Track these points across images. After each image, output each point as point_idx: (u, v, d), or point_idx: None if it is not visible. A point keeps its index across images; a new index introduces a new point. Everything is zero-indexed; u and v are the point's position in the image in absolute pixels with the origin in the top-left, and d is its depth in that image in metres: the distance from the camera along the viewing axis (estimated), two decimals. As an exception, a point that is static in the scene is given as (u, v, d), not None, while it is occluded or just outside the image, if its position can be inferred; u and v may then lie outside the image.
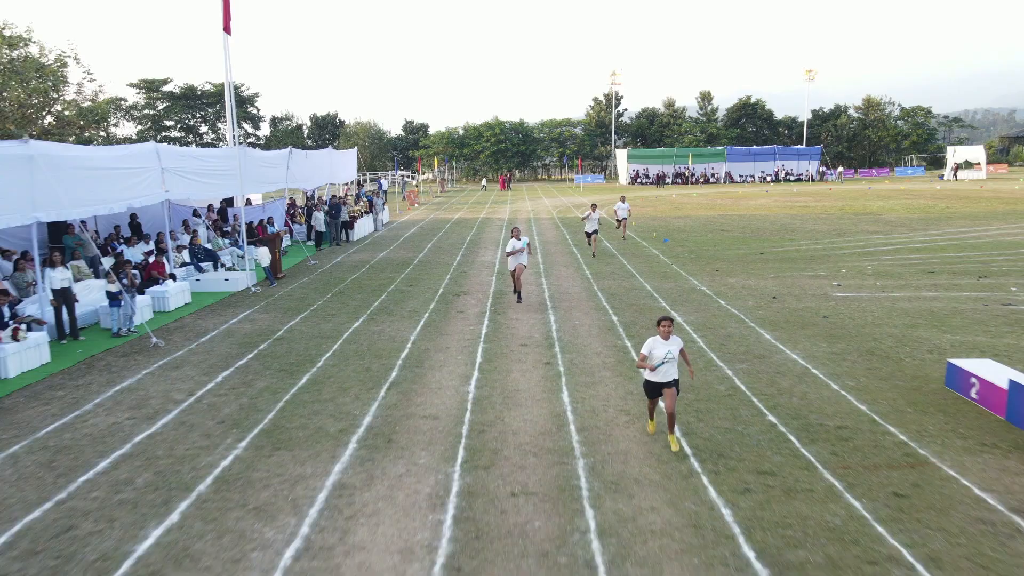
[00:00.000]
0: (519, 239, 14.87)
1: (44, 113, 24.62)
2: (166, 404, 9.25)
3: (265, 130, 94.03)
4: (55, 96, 25.00)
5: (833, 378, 9.88)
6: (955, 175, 65.15)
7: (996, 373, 8.65)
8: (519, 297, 15.08)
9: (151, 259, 16.27)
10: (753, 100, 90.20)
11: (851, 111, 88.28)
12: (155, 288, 14.81)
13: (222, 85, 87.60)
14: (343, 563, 5.59)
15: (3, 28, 23.71)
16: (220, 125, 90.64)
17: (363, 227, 28.46)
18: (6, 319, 11.47)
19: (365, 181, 47.31)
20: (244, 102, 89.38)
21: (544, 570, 5.45)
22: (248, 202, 26.62)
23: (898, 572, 5.38)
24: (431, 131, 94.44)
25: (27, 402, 9.45)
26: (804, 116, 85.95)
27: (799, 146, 78.61)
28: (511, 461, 7.40)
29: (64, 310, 12.54)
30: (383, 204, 34.04)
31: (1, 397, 9.63)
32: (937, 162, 78.44)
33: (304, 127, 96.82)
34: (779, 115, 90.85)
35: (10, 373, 10.42)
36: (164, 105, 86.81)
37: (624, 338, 12.18)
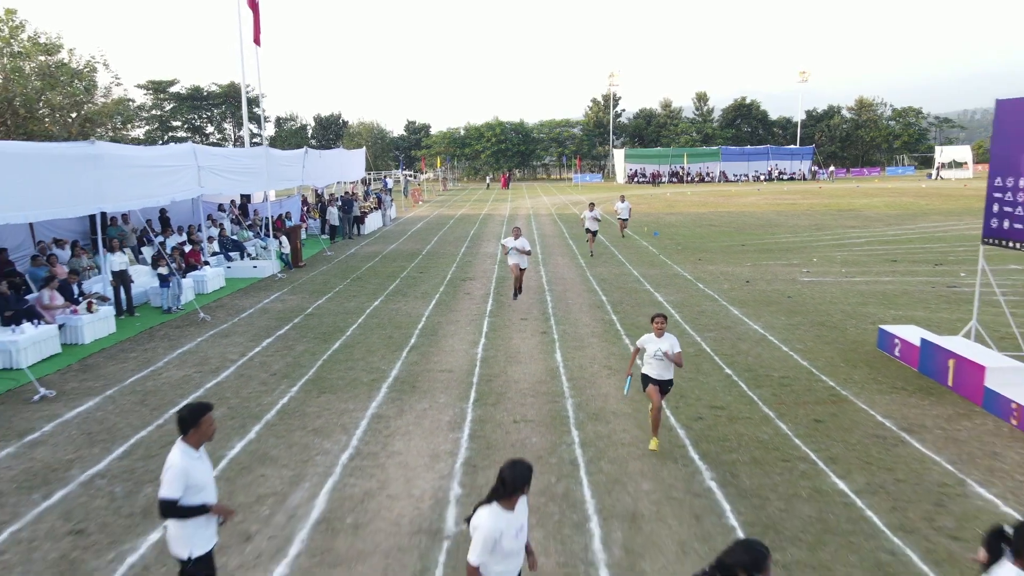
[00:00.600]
0: (518, 239, 14.69)
1: (75, 116, 26.40)
2: (224, 362, 11.04)
3: (270, 130, 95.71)
4: (84, 99, 26.76)
5: (785, 343, 11.68)
6: (938, 174, 66.92)
7: (914, 335, 10.45)
8: (515, 294, 14.94)
9: (186, 248, 18.06)
10: (748, 101, 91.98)
11: (844, 111, 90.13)
12: (195, 273, 16.59)
13: (228, 86, 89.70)
14: (387, 463, 7.38)
15: (37, 36, 25.49)
16: (226, 125, 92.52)
17: (373, 222, 30.28)
18: (76, 296, 13.30)
19: (372, 180, 49.06)
20: (249, 103, 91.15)
21: (540, 466, 7.23)
22: (265, 198, 28.48)
23: (803, 466, 7.18)
24: (433, 131, 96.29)
25: (106, 361, 11.25)
26: (798, 116, 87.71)
27: (792, 146, 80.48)
28: (513, 400, 9.19)
29: (122, 289, 14.33)
30: (391, 201, 35.85)
31: (83, 358, 11.43)
32: (928, 162, 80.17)
33: (308, 127, 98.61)
34: (779, 114, 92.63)
35: (85, 340, 12.22)
36: (171, 106, 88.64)
37: (611, 313, 13.98)
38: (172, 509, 4.18)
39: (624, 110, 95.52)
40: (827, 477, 6.94)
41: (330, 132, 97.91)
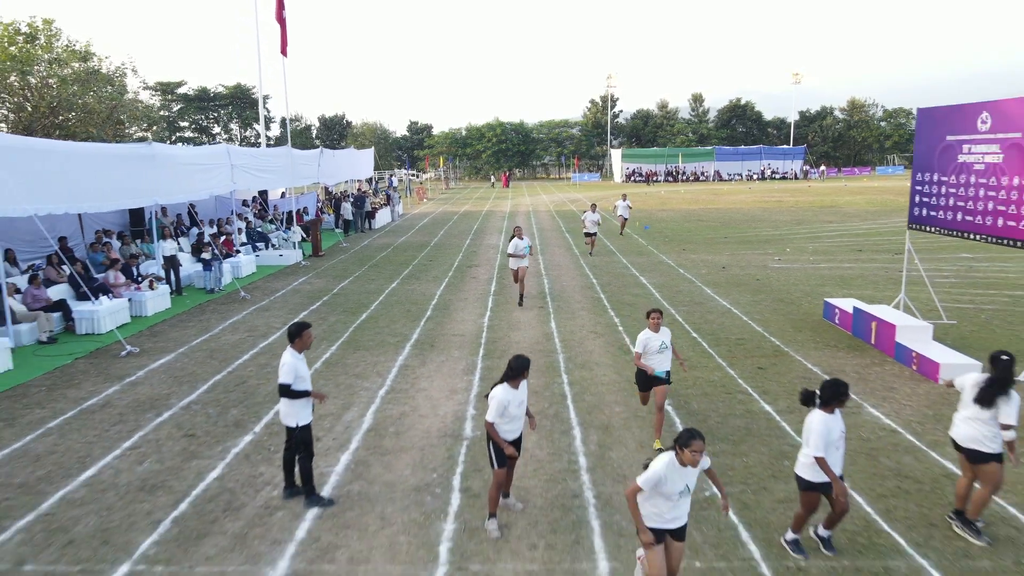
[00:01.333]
0: (521, 239, 14.59)
1: (107, 119, 28.42)
2: (269, 330, 13.07)
3: (275, 131, 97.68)
4: (116, 102, 28.79)
5: (745, 314, 13.71)
6: None
7: (849, 305, 12.48)
8: (521, 299, 14.84)
9: (220, 239, 20.09)
10: (744, 102, 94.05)
11: (836, 112, 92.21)
12: (230, 259, 18.61)
13: (234, 87, 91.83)
14: (416, 395, 9.41)
15: (72, 44, 27.50)
16: (232, 126, 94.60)
17: (382, 217, 32.32)
18: (136, 276, 15.33)
19: (380, 179, 51.09)
20: (254, 104, 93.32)
21: (535, 398, 9.25)
22: (283, 195, 30.54)
23: (741, 396, 9.20)
24: (435, 131, 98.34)
25: (170, 329, 13.28)
26: (792, 117, 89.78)
27: (784, 146, 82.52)
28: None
29: (171, 272, 16.36)
30: (398, 198, 37.90)
31: (150, 326, 13.46)
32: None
33: (313, 128, 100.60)
34: (777, 114, 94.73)
35: (148, 312, 14.25)
36: (178, 107, 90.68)
37: (600, 292, 16.01)
38: (287, 391, 6.22)
39: (622, 111, 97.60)
40: (758, 403, 8.96)
41: (334, 132, 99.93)
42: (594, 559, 5.57)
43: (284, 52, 19.93)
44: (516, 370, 5.87)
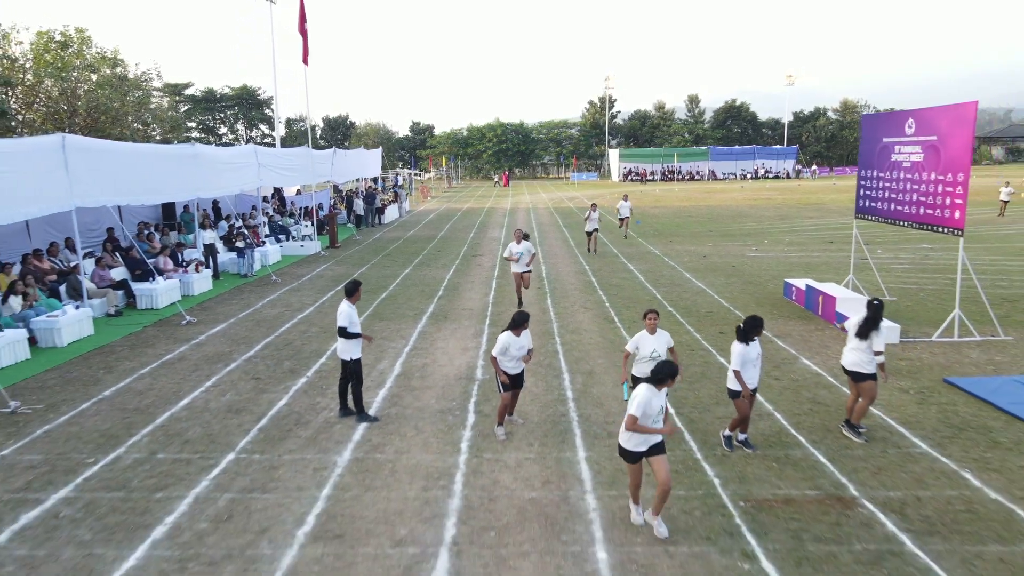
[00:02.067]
0: (520, 243, 14.01)
1: (133, 121, 30.45)
2: (303, 306, 15.08)
3: (280, 131, 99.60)
4: (145, 105, 30.81)
5: (717, 294, 15.72)
6: None
7: (803, 284, 14.49)
8: (520, 302, 14.52)
9: (247, 230, 22.09)
10: (739, 103, 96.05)
11: (829, 113, 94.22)
12: (259, 248, 20.63)
13: (240, 88, 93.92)
14: (435, 351, 11.41)
15: (104, 52, 29.51)
16: (239, 127, 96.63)
17: (391, 213, 34.34)
18: (181, 261, 17.35)
19: (386, 178, 53.11)
20: (260, 105, 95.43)
21: (534, 354, 11.25)
22: (298, 191, 32.56)
23: (701, 352, 11.21)
24: (437, 132, 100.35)
25: (217, 305, 15.30)
26: (786, 118, 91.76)
27: (777, 146, 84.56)
28: (516, 324, 13.22)
29: (210, 259, 18.37)
30: (405, 195, 39.92)
31: (200, 303, 15.48)
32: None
33: (317, 128, 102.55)
34: (776, 114, 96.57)
35: (194, 292, 16.26)
36: (186, 108, 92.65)
37: (591, 276, 18.03)
38: (344, 332, 8.23)
39: (619, 112, 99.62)
40: (715, 357, 10.97)
41: (338, 133, 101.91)
42: (575, 450, 7.58)
43: (305, 61, 21.92)
44: (516, 322, 7.84)
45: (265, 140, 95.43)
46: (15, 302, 12.13)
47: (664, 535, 5.80)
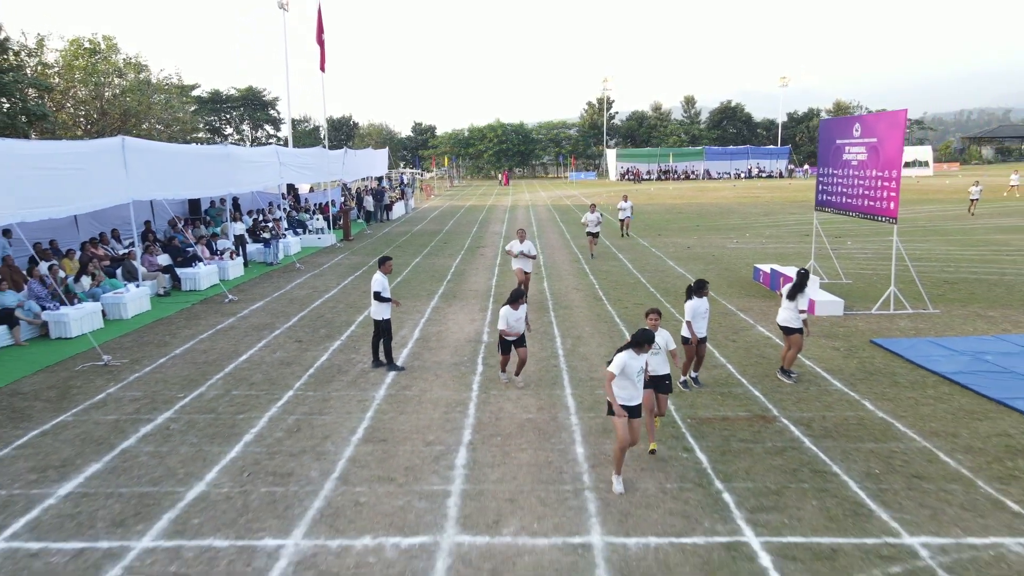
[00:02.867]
0: (522, 242, 14.30)
1: (156, 123, 32.45)
2: (327, 288, 17.05)
3: (285, 131, 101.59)
4: (169, 106, 32.83)
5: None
6: None
7: (769, 268, 16.47)
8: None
9: (269, 224, 24.07)
10: (734, 104, 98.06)
11: (823, 114, 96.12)
12: (281, 239, 22.61)
13: (246, 90, 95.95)
14: (447, 321, 13.38)
15: (132, 58, 31.52)
16: (244, 127, 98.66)
17: (397, 210, 36.33)
18: (216, 250, 19.33)
19: (391, 177, 55.10)
20: (265, 105, 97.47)
21: (532, 324, 13.22)
22: (311, 189, 34.53)
23: (674, 323, 13.17)
24: (438, 132, 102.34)
25: (251, 288, 17.27)
26: (780, 119, 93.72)
27: (771, 146, 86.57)
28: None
29: (240, 248, 20.34)
30: (412, 193, 41.92)
31: (235, 286, 17.45)
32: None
33: (321, 129, 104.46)
34: (776, 115, 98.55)
35: (228, 277, 18.24)
36: (193, 108, 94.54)
37: (583, 264, 20.00)
38: (378, 296, 10.19)
39: (617, 112, 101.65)
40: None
41: (341, 133, 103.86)
42: (564, 389, 9.55)
43: (323, 68, 23.87)
44: (514, 297, 9.70)
45: (270, 140, 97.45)
46: (85, 281, 14.12)
47: (619, 491, 6.52)
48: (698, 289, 9.26)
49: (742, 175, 78.57)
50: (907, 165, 73.82)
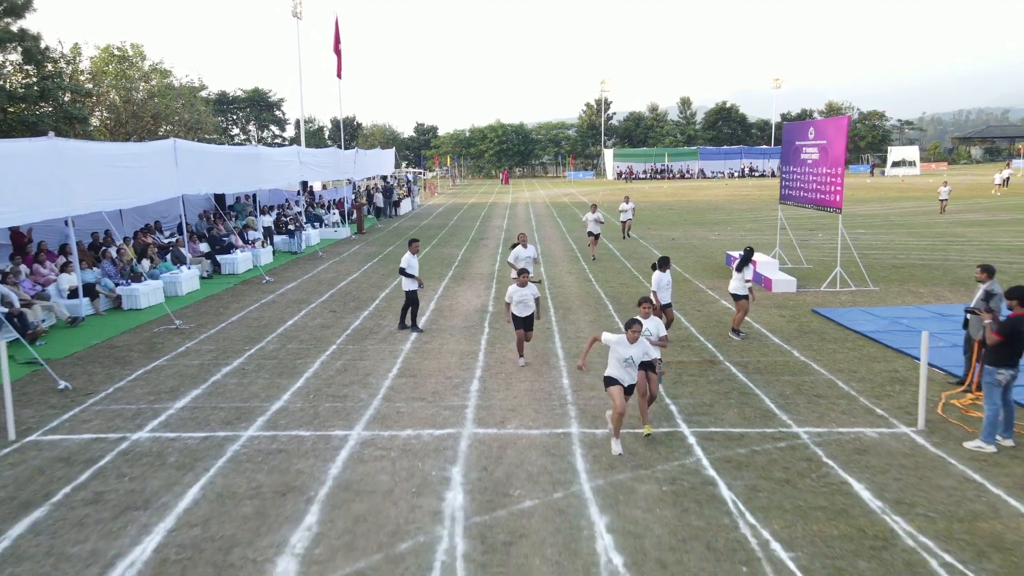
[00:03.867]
0: (525, 247, 13.54)
1: (181, 124, 34.70)
2: (350, 272, 19.31)
3: (290, 132, 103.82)
4: (192, 109, 35.08)
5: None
6: (873, 171, 75.38)
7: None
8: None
9: (291, 217, 26.32)
10: (729, 105, 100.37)
11: (816, 115, 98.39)
12: (304, 232, 24.87)
13: (252, 91, 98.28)
14: (457, 296, 15.64)
15: (157, 64, 33.77)
16: (251, 128, 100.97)
17: (405, 206, 38.62)
18: (248, 239, 21.62)
19: (396, 176, 57.35)
20: (271, 106, 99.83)
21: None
22: (324, 186, 36.78)
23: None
24: (440, 132, 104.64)
25: (282, 272, 19.53)
26: (774, 119, 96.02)
27: (764, 146, 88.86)
28: (516, 282, 17.48)
29: (269, 238, 22.60)
30: (417, 190, 44.20)
31: (268, 271, 19.72)
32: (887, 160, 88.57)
33: (325, 129, 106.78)
34: (773, 114, 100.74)
35: (261, 263, 20.51)
36: (202, 110, 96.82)
37: (576, 252, 22.28)
38: (404, 272, 12.46)
39: (615, 113, 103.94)
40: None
41: (345, 133, 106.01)
42: (555, 343, 11.81)
43: (339, 75, 26.12)
44: (519, 275, 11.97)
45: (275, 141, 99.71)
46: (145, 264, 16.39)
47: (617, 452, 7.32)
48: (662, 264, 11.51)
49: (735, 174, 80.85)
50: (895, 165, 76.16)
